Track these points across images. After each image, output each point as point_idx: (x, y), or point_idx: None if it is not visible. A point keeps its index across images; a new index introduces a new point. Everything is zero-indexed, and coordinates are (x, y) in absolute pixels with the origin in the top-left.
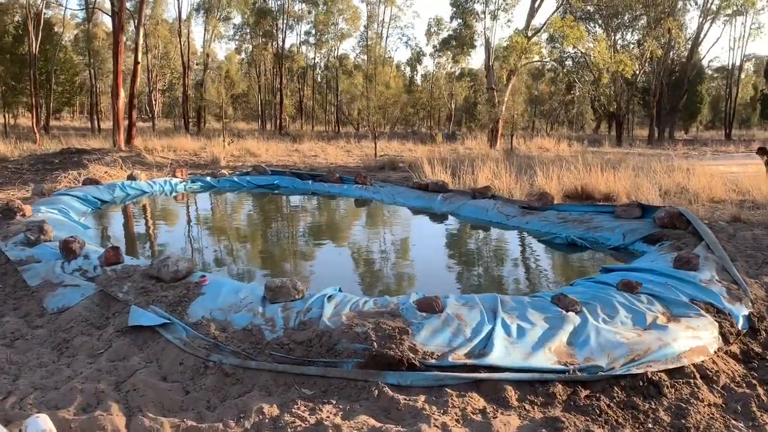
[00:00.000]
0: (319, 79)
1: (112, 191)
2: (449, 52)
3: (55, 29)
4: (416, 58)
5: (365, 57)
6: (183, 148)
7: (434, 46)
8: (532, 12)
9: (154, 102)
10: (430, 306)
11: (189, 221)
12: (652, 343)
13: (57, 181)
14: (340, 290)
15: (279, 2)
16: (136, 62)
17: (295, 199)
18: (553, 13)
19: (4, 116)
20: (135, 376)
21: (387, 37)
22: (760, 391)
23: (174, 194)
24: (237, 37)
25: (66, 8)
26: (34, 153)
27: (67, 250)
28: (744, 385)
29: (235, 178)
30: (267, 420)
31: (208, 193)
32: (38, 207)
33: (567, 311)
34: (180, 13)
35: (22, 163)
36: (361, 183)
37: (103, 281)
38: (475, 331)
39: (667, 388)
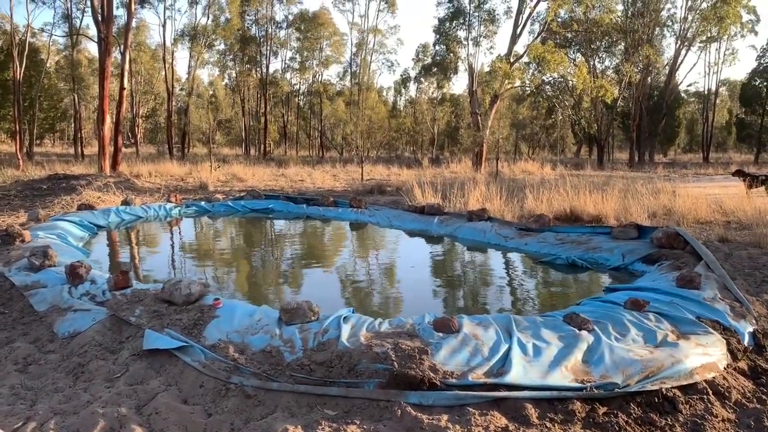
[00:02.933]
0: (302, 105)
1: (107, 216)
2: (433, 78)
3: (41, 56)
4: (402, 83)
5: (346, 83)
6: (169, 173)
7: (418, 72)
8: (514, 38)
9: (137, 127)
10: (446, 326)
11: (187, 246)
12: (665, 360)
13: (50, 206)
14: (353, 311)
15: (263, 30)
16: (122, 87)
17: (291, 224)
18: (534, 40)
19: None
20: (156, 399)
21: (371, 62)
22: None
23: (169, 219)
24: (221, 64)
25: (51, 35)
26: (20, 179)
27: (74, 275)
28: (755, 400)
29: (230, 203)
30: None
31: (204, 218)
32: (36, 232)
33: (580, 330)
34: (164, 39)
35: (9, 189)
36: (356, 206)
37: (113, 305)
38: (492, 350)
39: (683, 404)
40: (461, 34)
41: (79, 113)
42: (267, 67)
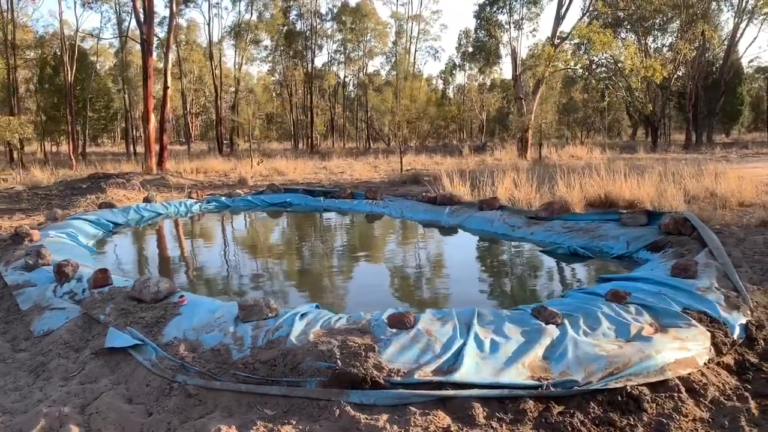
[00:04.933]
0: (350, 97)
1: (126, 214)
2: (477, 64)
3: (91, 59)
4: (449, 72)
5: (394, 73)
6: (213, 169)
7: (462, 58)
8: (558, 20)
9: (190, 125)
10: (400, 321)
11: (198, 241)
12: (633, 356)
13: (76, 205)
14: (317, 307)
15: (307, 24)
16: (166, 87)
17: (304, 216)
18: (579, 20)
19: (42, 144)
20: (100, 398)
21: (416, 51)
22: (752, 404)
23: (190, 215)
24: (269, 59)
25: (100, 39)
26: (64, 179)
27: (60, 273)
28: (735, 398)
29: (250, 198)
30: None
31: (222, 213)
32: (47, 232)
33: (547, 324)
34: (210, 37)
35: (52, 189)
36: (371, 198)
37: (88, 304)
38: (445, 346)
39: (648, 402)
40: (502, 17)
41: (130, 113)
42: (312, 61)
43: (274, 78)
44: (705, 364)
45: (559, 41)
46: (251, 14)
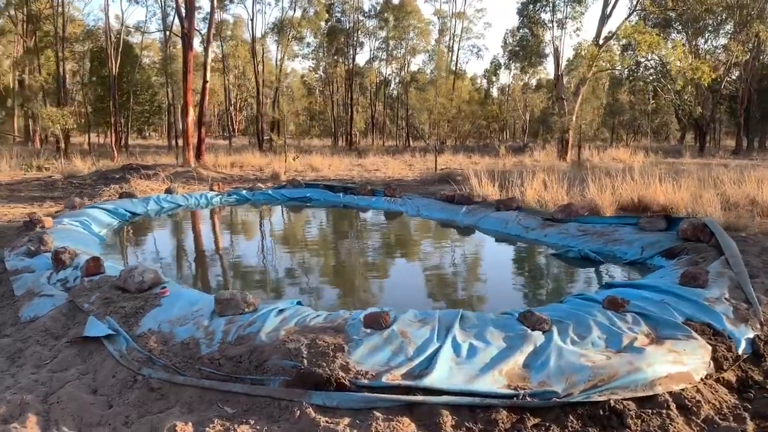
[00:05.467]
0: (395, 94)
1: (145, 204)
2: (521, 64)
3: (136, 52)
4: (493, 71)
5: (438, 72)
6: (250, 164)
7: (507, 58)
8: (603, 19)
9: (234, 120)
10: (376, 322)
11: (209, 234)
12: (620, 368)
13: (100, 195)
14: (298, 303)
15: (350, 21)
16: (205, 81)
17: (320, 212)
18: (625, 20)
19: (88, 135)
20: (64, 388)
21: (458, 49)
22: (750, 426)
23: (210, 207)
24: (311, 56)
25: (144, 32)
26: (100, 169)
27: (57, 260)
28: (731, 418)
29: (270, 192)
30: None
31: (241, 207)
32: (61, 219)
33: (533, 330)
34: (253, 33)
35: (86, 178)
36: (390, 195)
37: (76, 292)
38: (419, 349)
39: (632, 418)
40: (545, 16)
41: (173, 106)
42: (353, 58)
43: (316, 75)
44: (702, 379)
45: (603, 41)
46: (294, 11)
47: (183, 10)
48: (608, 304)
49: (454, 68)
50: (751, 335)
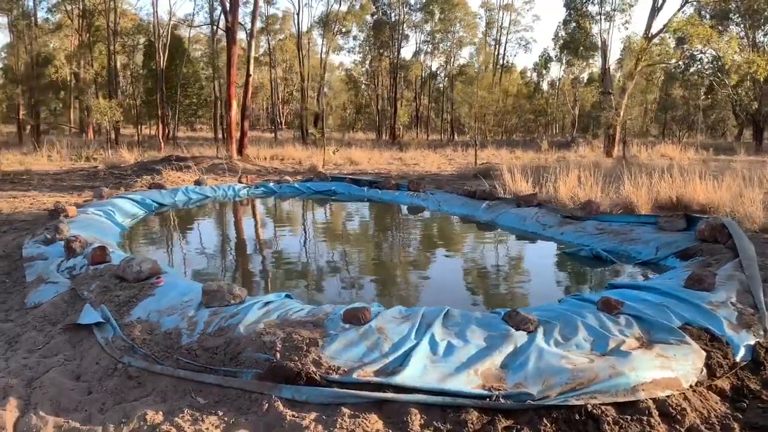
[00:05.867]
0: (441, 88)
1: (174, 195)
2: (570, 57)
3: (185, 46)
4: (543, 64)
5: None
6: (291, 156)
7: (558, 51)
8: (654, 11)
9: (282, 113)
10: (355, 317)
11: (230, 225)
12: (601, 371)
13: (132, 185)
14: (287, 296)
15: (396, 14)
16: (248, 75)
17: (341, 205)
18: (678, 11)
19: (138, 127)
20: (48, 373)
21: (506, 42)
22: None
23: (237, 199)
24: (357, 50)
25: (191, 26)
26: (142, 160)
27: (68, 248)
28: (719, 427)
29: (296, 185)
30: (145, 427)
31: (267, 199)
32: (86, 209)
33: (517, 330)
34: (299, 26)
35: (127, 169)
36: (413, 190)
37: (79, 280)
38: (395, 346)
39: (609, 424)
40: (593, 8)
41: (219, 100)
42: (398, 51)
43: (363, 69)
44: (691, 386)
45: (653, 35)
46: (340, 4)
47: (227, 4)
48: (602, 306)
49: (501, 61)
50: (752, 342)
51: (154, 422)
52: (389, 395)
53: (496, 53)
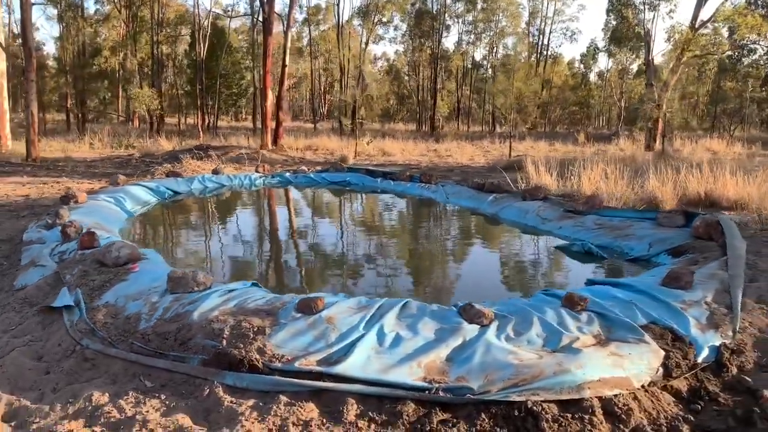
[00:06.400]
0: (485, 78)
1: (189, 183)
2: (612, 48)
3: (227, 36)
4: (591, 55)
5: (525, 54)
6: (325, 147)
7: (606, 41)
8: (701, 0)
9: (323, 104)
10: (308, 307)
11: (238, 215)
12: (547, 368)
13: (152, 173)
14: (253, 284)
15: (437, 3)
16: (284, 65)
17: (351, 195)
18: (725, 1)
19: (179, 116)
20: (12, 353)
21: (550, 33)
22: None
23: (254, 188)
24: (397, 40)
25: (230, 17)
26: (174, 149)
27: (64, 233)
28: (666, 429)
29: (312, 175)
30: (90, 407)
31: (281, 189)
32: (98, 195)
33: (471, 323)
34: (339, 17)
35: (158, 157)
36: (425, 182)
37: (65, 264)
38: (342, 336)
39: (548, 422)
40: None
41: (258, 90)
42: (438, 41)
43: (405, 59)
44: (644, 386)
45: (700, 24)
46: None
47: None
48: (565, 302)
49: (545, 52)
50: (717, 343)
51: (99, 403)
52: (327, 384)
53: (539, 43)
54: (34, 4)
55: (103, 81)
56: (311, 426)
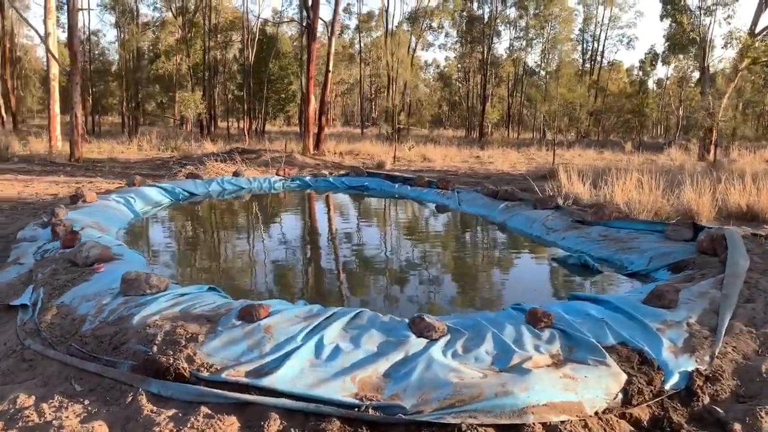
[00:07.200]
0: (540, 85)
1: (207, 186)
2: (667, 55)
3: (275, 42)
4: (649, 62)
5: (581, 60)
6: (366, 152)
7: (665, 48)
8: (762, 5)
9: (373, 109)
10: (249, 314)
11: (250, 218)
12: (488, 389)
13: (175, 175)
14: (210, 289)
15: (489, 9)
16: (327, 71)
17: (364, 200)
18: None
19: (227, 120)
20: None
21: (605, 39)
22: None
23: (273, 191)
24: (449, 46)
25: (279, 23)
26: (211, 152)
27: (53, 232)
28: None
29: (331, 179)
30: (12, 410)
31: (298, 192)
32: (109, 195)
33: (420, 336)
34: (387, 23)
35: (195, 160)
36: (442, 188)
37: (41, 262)
38: (277, 347)
39: None
40: (691, 1)
41: (304, 95)
42: (488, 47)
43: (457, 65)
44: (597, 413)
45: (762, 30)
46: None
47: (309, 1)
48: (528, 318)
49: (599, 58)
50: (689, 369)
51: (22, 405)
52: (249, 397)
53: (592, 49)
54: (80, 9)
55: (155, 85)
56: None
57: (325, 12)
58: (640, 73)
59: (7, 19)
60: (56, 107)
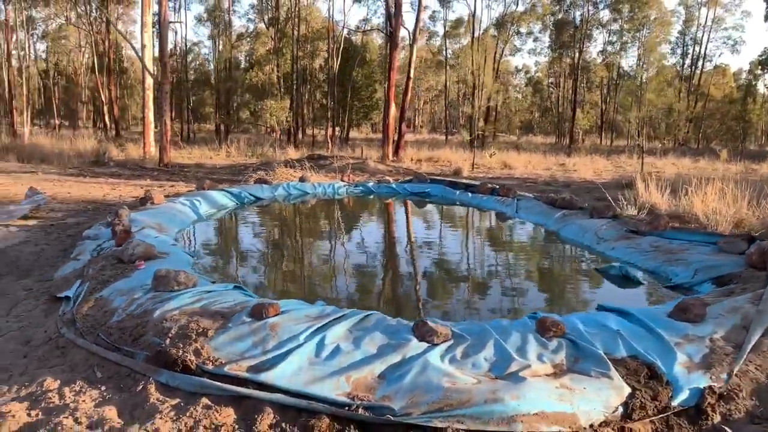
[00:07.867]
0: (637, 91)
1: (274, 190)
2: None
3: (359, 50)
4: (757, 65)
5: (682, 63)
6: (446, 158)
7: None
8: None
9: (460, 116)
10: (258, 312)
11: (310, 222)
12: (477, 395)
13: (246, 180)
14: (236, 287)
15: (580, 12)
16: (408, 78)
17: (423, 207)
18: None
19: (312, 128)
20: (5, 335)
21: (707, 42)
22: None
23: (337, 197)
24: (539, 51)
25: (364, 32)
26: (289, 158)
27: (113, 231)
28: None
29: (394, 185)
30: (38, 392)
31: (361, 198)
32: (176, 198)
33: (422, 340)
34: (473, 29)
35: (273, 165)
36: (503, 195)
37: (95, 259)
38: (279, 344)
39: None
40: None
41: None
42: (579, 52)
43: (548, 70)
44: (593, 426)
45: None
46: (517, 5)
47: (392, 10)
48: (537, 327)
49: (701, 62)
50: (702, 386)
51: (47, 388)
52: (246, 390)
53: (693, 53)
54: (171, 22)
55: (243, 94)
56: (220, 431)
57: (410, 20)
58: (751, 77)
59: (113, 33)
60: (150, 115)
